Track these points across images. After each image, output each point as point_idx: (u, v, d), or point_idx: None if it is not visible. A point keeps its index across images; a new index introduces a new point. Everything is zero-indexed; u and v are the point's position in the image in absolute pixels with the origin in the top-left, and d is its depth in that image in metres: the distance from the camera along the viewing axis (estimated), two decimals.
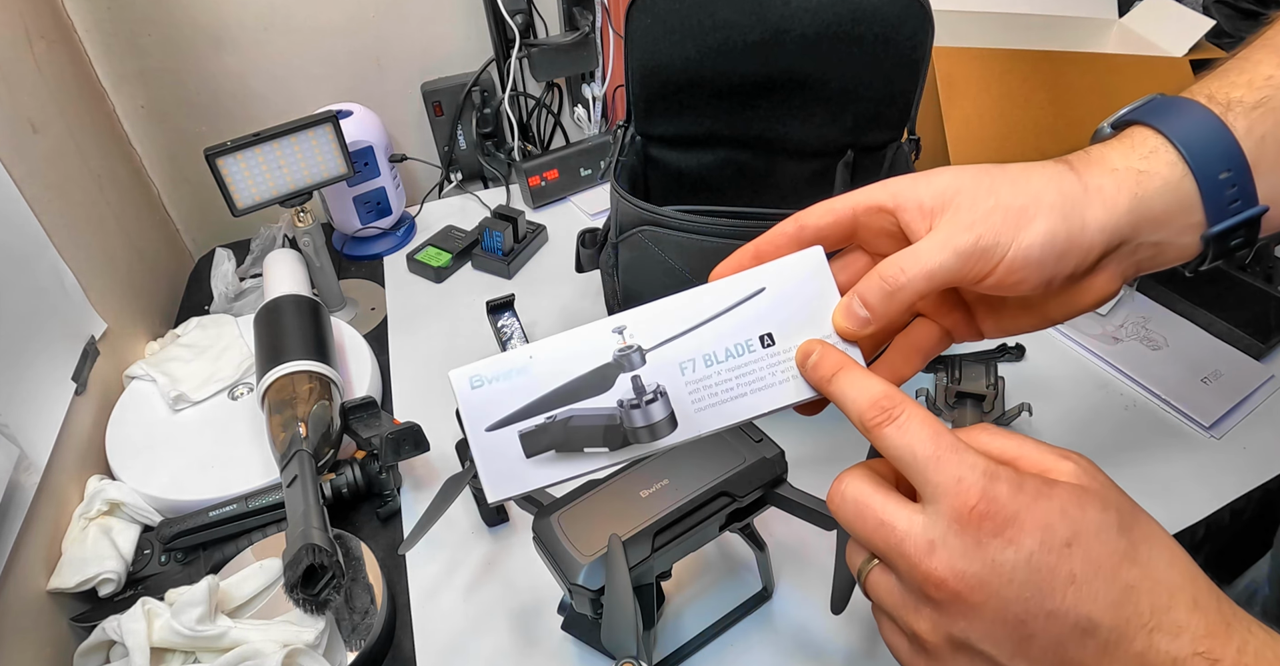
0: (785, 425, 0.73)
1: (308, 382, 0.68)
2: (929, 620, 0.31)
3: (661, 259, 0.65)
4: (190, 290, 1.01)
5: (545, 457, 0.37)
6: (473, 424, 0.38)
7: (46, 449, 0.63)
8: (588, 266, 0.80)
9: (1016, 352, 0.79)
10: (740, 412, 0.38)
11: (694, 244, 0.63)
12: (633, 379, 0.38)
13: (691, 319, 0.39)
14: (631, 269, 0.69)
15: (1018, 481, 0.30)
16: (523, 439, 0.37)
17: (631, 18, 0.66)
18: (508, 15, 1.04)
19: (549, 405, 0.38)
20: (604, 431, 0.37)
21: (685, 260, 0.65)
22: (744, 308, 0.39)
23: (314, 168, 0.83)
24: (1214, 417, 0.71)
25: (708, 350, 0.38)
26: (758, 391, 0.39)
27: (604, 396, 0.37)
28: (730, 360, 0.38)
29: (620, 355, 0.38)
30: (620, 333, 0.38)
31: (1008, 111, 0.85)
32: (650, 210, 0.64)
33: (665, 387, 0.38)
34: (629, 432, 0.37)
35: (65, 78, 0.86)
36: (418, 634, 0.61)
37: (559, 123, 1.23)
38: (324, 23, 1.02)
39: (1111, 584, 0.28)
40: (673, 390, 0.38)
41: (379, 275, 0.99)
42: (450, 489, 0.54)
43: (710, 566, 0.63)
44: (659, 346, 0.38)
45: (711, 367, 0.38)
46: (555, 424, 0.37)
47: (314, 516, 0.56)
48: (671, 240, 0.64)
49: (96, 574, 0.61)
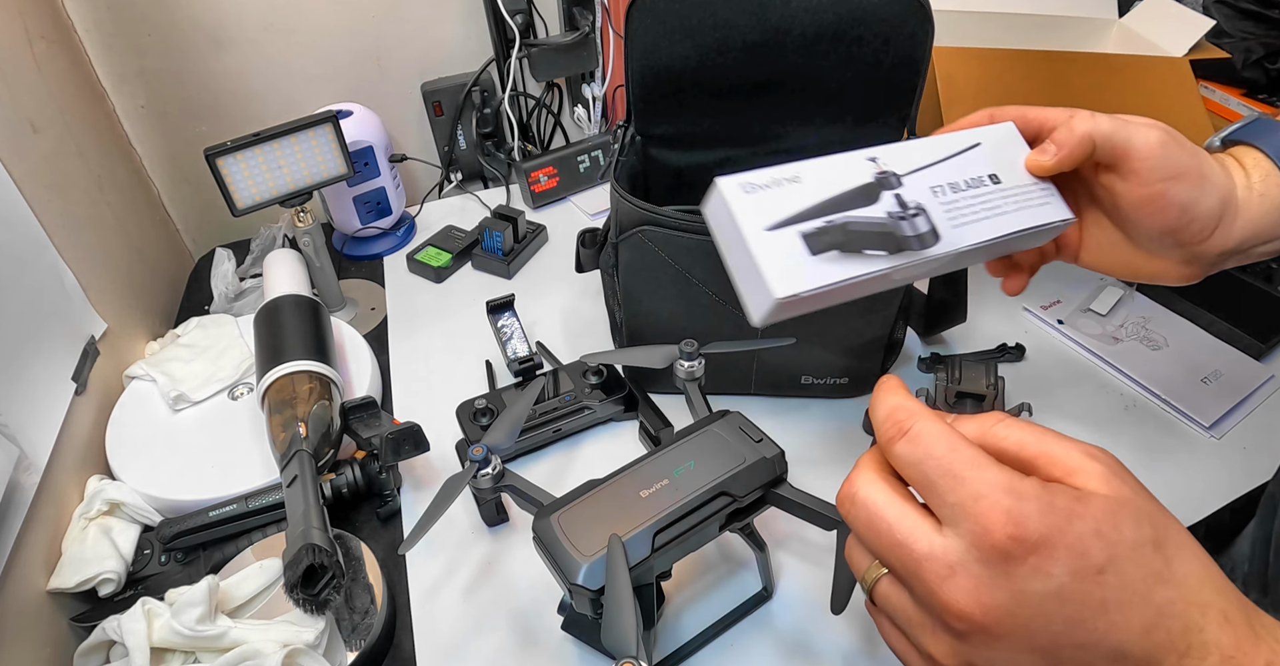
0: (785, 425, 0.73)
1: (308, 382, 0.68)
2: (947, 645, 0.29)
3: (662, 259, 0.65)
4: (190, 290, 1.01)
5: (829, 256, 0.41)
6: (750, 224, 0.40)
7: (46, 449, 0.63)
8: (588, 266, 0.80)
9: (1016, 353, 0.79)
10: (987, 232, 0.44)
11: (695, 244, 0.63)
12: (896, 195, 0.43)
13: (930, 157, 0.45)
14: (631, 269, 0.69)
15: (1047, 500, 0.28)
16: (807, 238, 0.41)
17: (632, 18, 0.66)
18: (508, 15, 1.04)
19: (823, 212, 0.41)
20: (879, 236, 0.42)
21: (687, 260, 0.65)
22: (968, 154, 0.46)
23: (314, 168, 0.83)
24: (1214, 417, 0.71)
25: (951, 179, 0.45)
26: (998, 216, 0.45)
27: (871, 208, 0.42)
28: (970, 190, 0.45)
29: (880, 176, 0.44)
30: (874, 161, 0.44)
31: None
32: (650, 210, 0.63)
33: (924, 205, 0.43)
34: (900, 240, 0.42)
35: (65, 78, 0.86)
36: (418, 634, 0.61)
37: (559, 123, 1.23)
38: (324, 23, 1.02)
39: (1145, 608, 0.27)
40: (930, 208, 0.44)
41: (379, 275, 0.99)
42: (450, 489, 0.54)
43: (710, 566, 0.63)
44: (910, 174, 0.44)
45: (957, 194, 0.45)
46: (835, 226, 0.41)
47: (314, 516, 0.56)
48: (672, 240, 0.64)
49: (96, 574, 0.61)
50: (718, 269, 0.60)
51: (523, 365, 0.75)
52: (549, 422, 0.72)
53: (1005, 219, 0.45)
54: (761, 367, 0.74)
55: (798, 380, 0.75)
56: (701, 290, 0.66)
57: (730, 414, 0.56)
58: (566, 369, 0.76)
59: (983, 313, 0.85)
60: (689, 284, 0.66)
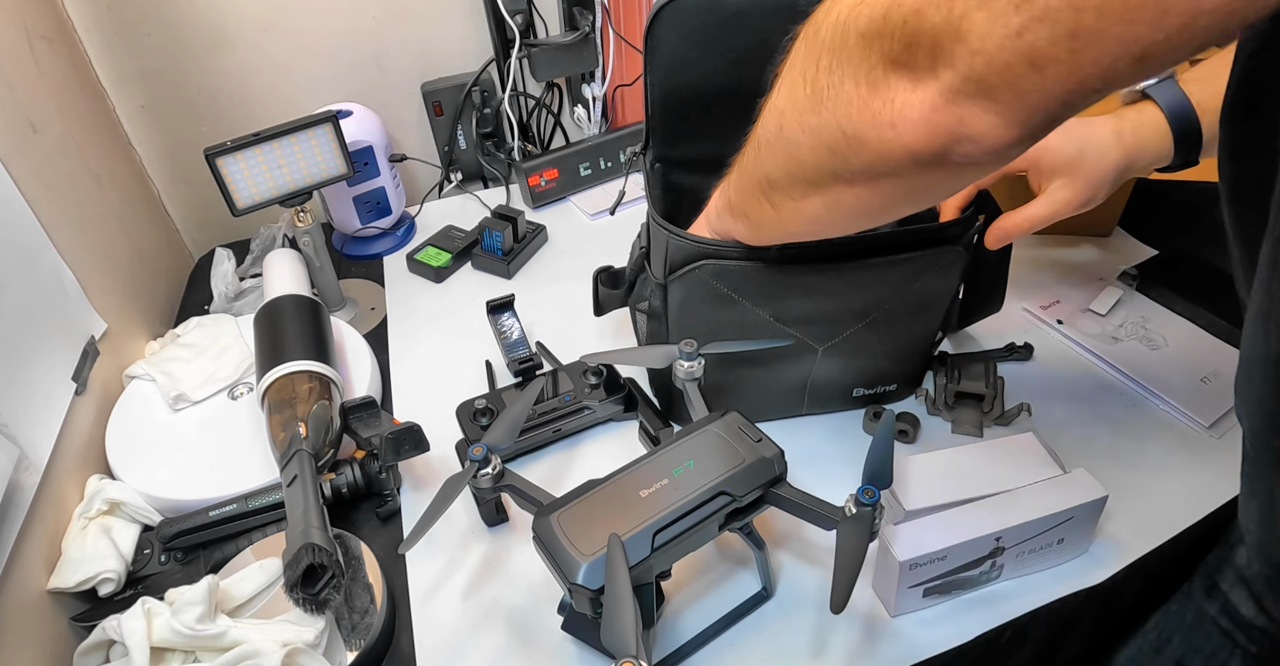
0: (785, 425, 0.73)
1: (308, 382, 0.68)
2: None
3: (719, 291, 0.62)
4: (190, 290, 1.01)
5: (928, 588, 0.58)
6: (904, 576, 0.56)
7: (46, 449, 0.63)
8: (610, 307, 0.77)
9: (1025, 352, 0.78)
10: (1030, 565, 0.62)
11: (753, 269, 0.60)
12: (993, 562, 0.58)
13: (1036, 531, 0.58)
14: (687, 307, 0.64)
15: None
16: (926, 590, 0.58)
17: (655, 35, 0.60)
18: (508, 15, 1.04)
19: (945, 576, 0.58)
20: (966, 579, 0.59)
21: (744, 288, 0.62)
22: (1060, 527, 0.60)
23: (314, 167, 0.83)
24: (1214, 417, 0.71)
25: (1033, 547, 0.59)
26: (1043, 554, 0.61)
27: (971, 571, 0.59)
28: (1041, 550, 0.60)
29: (994, 549, 0.57)
30: (998, 540, 0.57)
31: None
32: (709, 244, 0.59)
33: (1006, 565, 0.59)
34: (976, 582, 0.60)
35: (65, 78, 0.86)
36: (417, 633, 0.61)
37: (559, 123, 1.23)
38: (324, 23, 1.02)
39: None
40: (1008, 566, 0.60)
41: (379, 275, 0.99)
42: (450, 489, 0.54)
43: (710, 566, 0.63)
44: (1014, 546, 0.58)
45: (1032, 553, 0.60)
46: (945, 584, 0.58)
47: (314, 516, 0.56)
48: (727, 271, 0.60)
49: (96, 573, 0.61)
50: (766, 289, 0.62)
51: (523, 365, 0.75)
52: (549, 422, 0.72)
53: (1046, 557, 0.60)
54: (814, 386, 0.71)
55: (849, 393, 0.73)
56: (756, 313, 0.63)
57: (730, 413, 0.56)
58: (566, 369, 0.76)
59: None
60: (744, 310, 0.63)
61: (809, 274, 0.61)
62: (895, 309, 0.65)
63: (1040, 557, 0.59)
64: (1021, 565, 0.59)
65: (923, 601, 0.58)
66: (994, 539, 0.55)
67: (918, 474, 0.61)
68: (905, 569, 0.54)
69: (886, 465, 0.50)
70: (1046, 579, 0.60)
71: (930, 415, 0.74)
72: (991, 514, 0.56)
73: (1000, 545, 0.56)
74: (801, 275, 0.61)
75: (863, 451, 0.51)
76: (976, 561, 0.56)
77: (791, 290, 0.62)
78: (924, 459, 0.62)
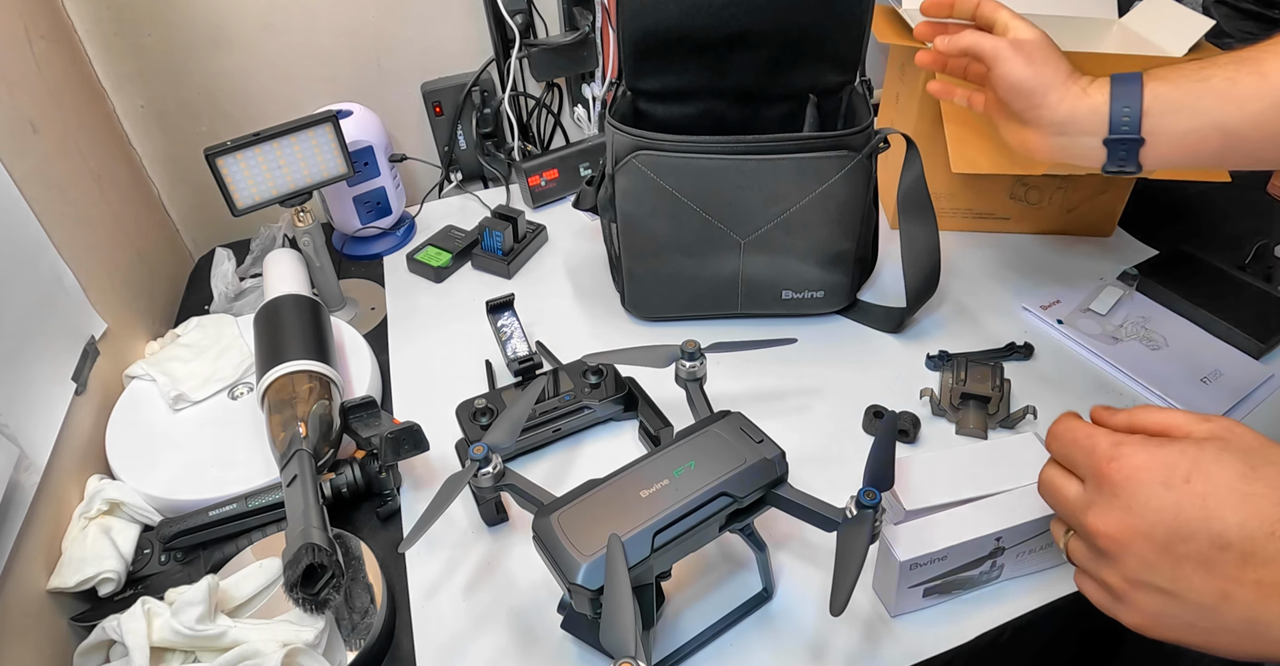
0: (784, 425, 0.73)
1: (308, 382, 0.68)
2: (1108, 569, 0.38)
3: (654, 181, 0.74)
4: (190, 290, 1.01)
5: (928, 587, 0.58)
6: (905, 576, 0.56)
7: (46, 449, 0.63)
8: (587, 202, 0.86)
9: (1025, 352, 0.79)
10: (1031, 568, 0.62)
11: (682, 162, 0.72)
12: (993, 562, 0.59)
13: (1031, 531, 0.57)
14: (626, 194, 0.76)
15: (1142, 439, 0.38)
16: (926, 590, 0.58)
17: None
18: (508, 15, 1.04)
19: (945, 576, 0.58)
20: (966, 579, 0.59)
21: (675, 179, 0.74)
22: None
23: (314, 167, 0.83)
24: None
25: (1033, 547, 0.59)
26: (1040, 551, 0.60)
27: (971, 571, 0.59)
28: (1040, 550, 0.60)
29: (994, 549, 0.57)
30: (998, 540, 0.56)
31: None
32: (642, 135, 0.72)
33: (1006, 565, 0.59)
34: (976, 582, 0.60)
35: (65, 78, 0.86)
36: (417, 633, 0.61)
37: (559, 123, 1.23)
38: (324, 23, 1.02)
39: (1233, 497, 0.34)
40: (1008, 565, 0.60)
41: (379, 275, 0.99)
42: (450, 488, 0.54)
43: (710, 566, 0.63)
44: (1014, 546, 0.58)
45: (1031, 553, 0.60)
46: (945, 582, 0.58)
47: (314, 516, 0.56)
48: (661, 161, 0.73)
49: (96, 573, 0.61)
50: (702, 184, 0.75)
51: (523, 365, 0.75)
52: (549, 422, 0.72)
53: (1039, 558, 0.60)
54: (746, 283, 0.82)
55: (779, 296, 0.83)
56: (690, 207, 0.75)
57: (731, 414, 0.56)
58: (566, 369, 0.76)
59: (982, 312, 0.85)
60: (679, 201, 0.75)
61: (726, 170, 0.73)
62: (807, 212, 0.75)
63: (1041, 557, 0.59)
64: (1022, 565, 0.59)
65: (923, 601, 0.58)
66: (994, 539, 0.55)
67: (918, 474, 0.61)
68: (905, 569, 0.54)
69: (888, 467, 0.50)
70: (1046, 579, 0.60)
71: (935, 416, 0.74)
72: (992, 514, 0.55)
73: (1001, 545, 0.56)
74: (719, 171, 0.73)
75: (863, 451, 0.51)
76: (977, 561, 0.56)
77: (712, 182, 0.74)
78: (924, 459, 0.62)
